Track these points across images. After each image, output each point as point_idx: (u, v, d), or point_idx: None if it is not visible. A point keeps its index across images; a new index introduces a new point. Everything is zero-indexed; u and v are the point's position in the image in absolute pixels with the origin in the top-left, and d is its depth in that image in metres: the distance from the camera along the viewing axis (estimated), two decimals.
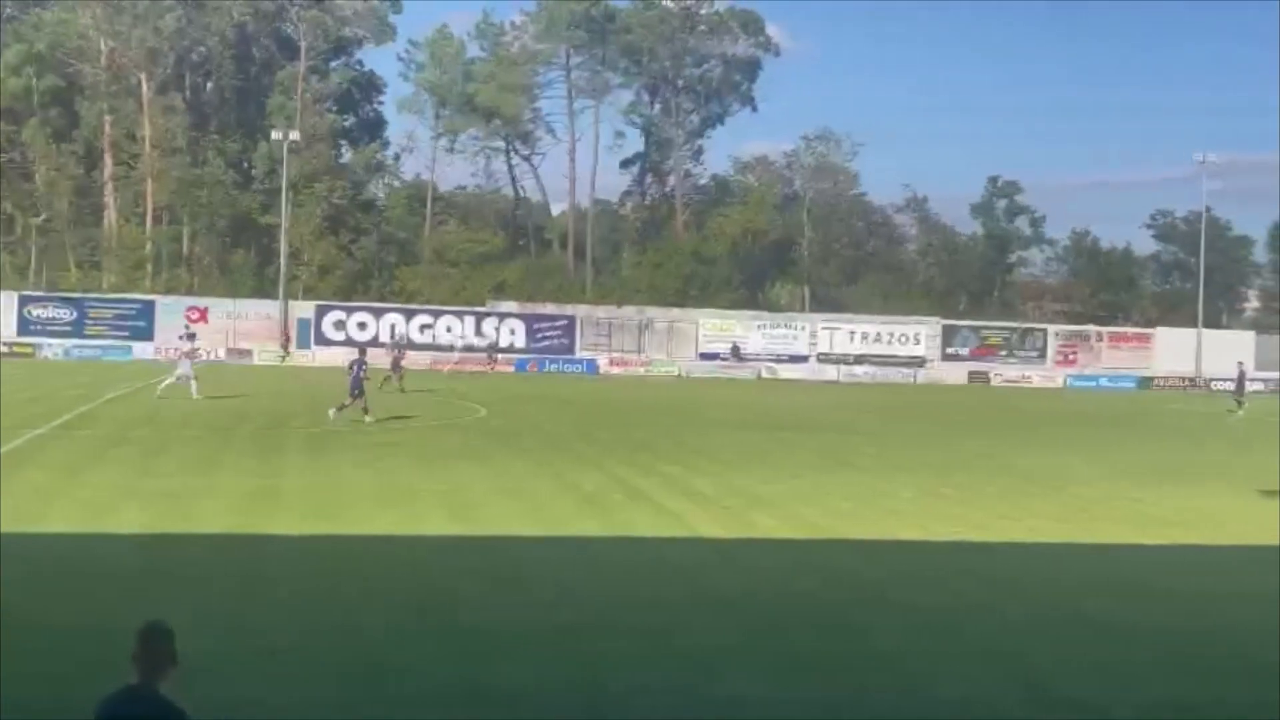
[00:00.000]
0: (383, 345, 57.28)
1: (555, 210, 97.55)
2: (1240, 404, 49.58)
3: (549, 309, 72.04)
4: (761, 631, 11.52)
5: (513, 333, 69.15)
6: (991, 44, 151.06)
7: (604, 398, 45.31)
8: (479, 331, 68.71)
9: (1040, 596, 13.53)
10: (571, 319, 70.93)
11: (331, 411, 29.56)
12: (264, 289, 74.02)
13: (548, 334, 69.90)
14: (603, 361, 68.75)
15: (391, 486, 19.41)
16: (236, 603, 11.65)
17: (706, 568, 14.47)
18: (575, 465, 23.09)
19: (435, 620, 11.40)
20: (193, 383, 35.35)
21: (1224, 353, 73.22)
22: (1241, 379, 54.79)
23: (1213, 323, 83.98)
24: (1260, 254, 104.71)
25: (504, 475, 21.25)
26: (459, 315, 69.92)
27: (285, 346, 65.81)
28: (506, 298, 74.19)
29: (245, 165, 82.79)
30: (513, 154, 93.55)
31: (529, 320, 70.06)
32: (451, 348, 67.01)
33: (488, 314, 70.33)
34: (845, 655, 10.86)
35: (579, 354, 69.37)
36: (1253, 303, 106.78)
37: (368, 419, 29.58)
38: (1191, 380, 71.04)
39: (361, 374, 30.45)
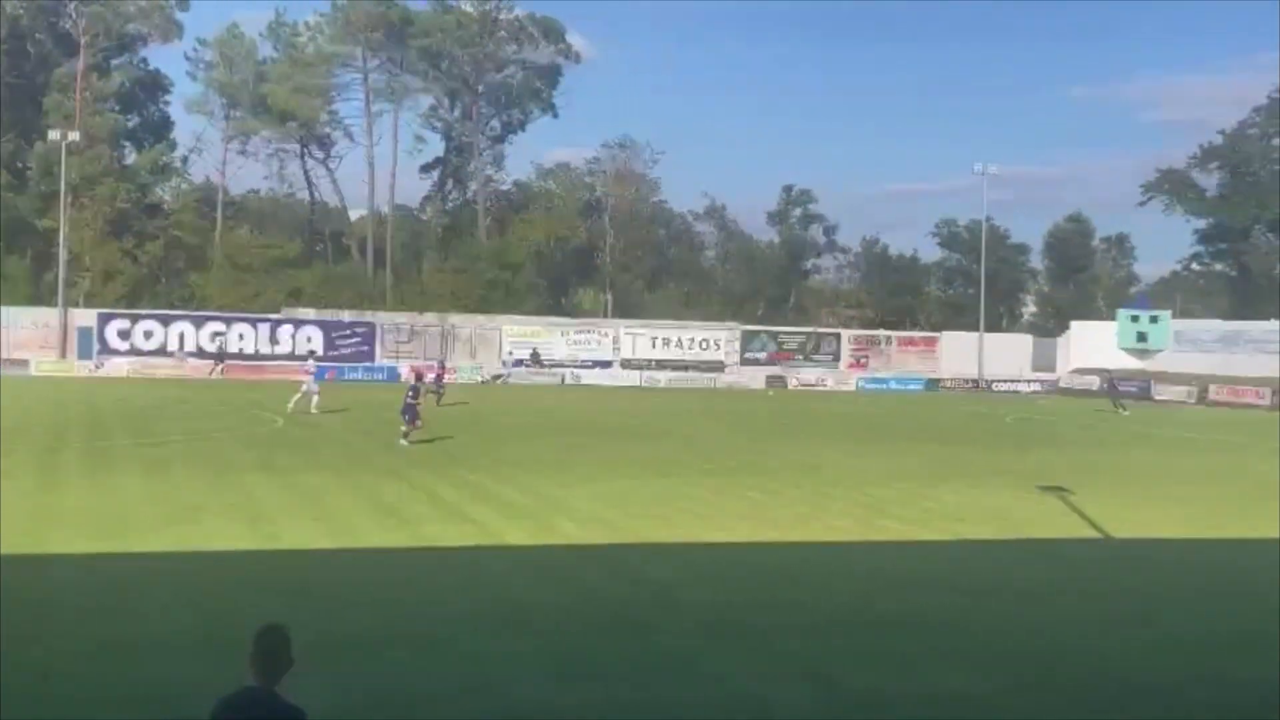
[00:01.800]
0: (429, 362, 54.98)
1: (354, 215, 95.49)
2: (1120, 406, 52.53)
3: (348, 316, 70.43)
4: (555, 636, 11.48)
5: (310, 340, 67.30)
6: (785, 54, 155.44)
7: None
8: (273, 340, 66.68)
9: (835, 593, 13.86)
10: (372, 326, 69.54)
11: (402, 442, 28.47)
12: (42, 296, 70.11)
13: (347, 341, 68.33)
14: (404, 369, 67.50)
15: (179, 502, 18.59)
16: (13, 627, 10.90)
17: (506, 575, 14.33)
18: (376, 476, 22.58)
19: (220, 636, 10.91)
20: None
21: (1004, 355, 77.01)
22: (1114, 384, 58.15)
23: (993, 327, 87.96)
24: (1036, 260, 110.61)
25: (300, 488, 20.61)
26: (253, 323, 67.67)
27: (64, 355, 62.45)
28: (304, 305, 72.17)
29: (20, 166, 78.29)
30: (308, 157, 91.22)
31: (327, 327, 68.35)
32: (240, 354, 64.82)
33: (283, 321, 68.29)
34: (638, 656, 10.88)
35: (380, 361, 68.04)
36: (1030, 307, 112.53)
37: (403, 441, 28.56)
38: (975, 382, 74.30)
39: (413, 397, 29.71)
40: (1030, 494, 22.72)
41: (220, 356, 64.03)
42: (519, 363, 69.50)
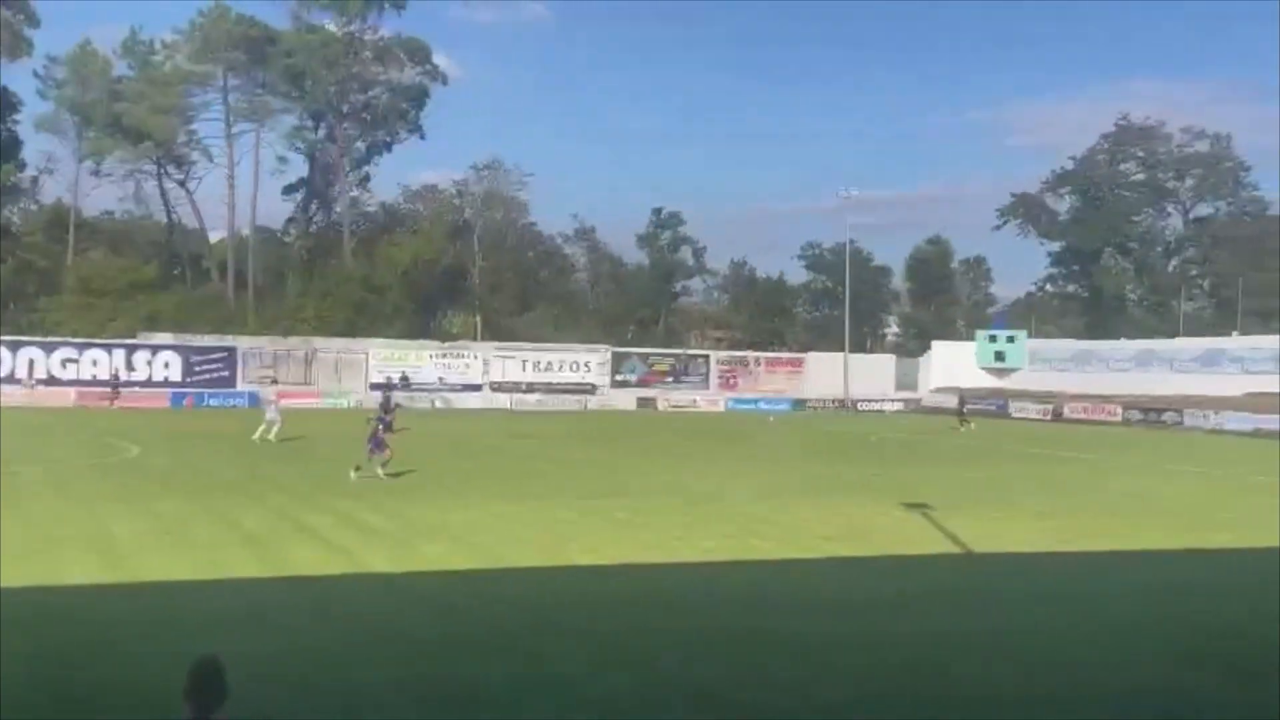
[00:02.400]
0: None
1: (214, 237, 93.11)
2: (967, 422, 54.42)
3: (208, 341, 68.56)
4: (423, 663, 11.23)
5: (167, 366, 65.36)
6: (650, 77, 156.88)
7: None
8: (129, 365, 64.54)
9: (711, 613, 13.85)
10: (232, 350, 67.80)
11: (379, 471, 26.76)
12: None
13: (206, 367, 66.47)
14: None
15: (31, 534, 17.75)
16: None
17: (373, 602, 14.02)
18: (238, 504, 21.94)
19: (68, 674, 10.43)
20: None
21: (869, 375, 78.62)
22: (962, 403, 60.01)
23: (858, 347, 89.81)
24: (899, 282, 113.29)
25: (158, 517, 19.90)
26: (107, 348, 65.40)
27: None
28: (161, 329, 70.04)
29: None
30: (166, 178, 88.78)
31: (186, 353, 66.43)
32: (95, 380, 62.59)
33: (139, 346, 66.18)
34: (511, 682, 10.71)
35: (241, 387, 66.36)
36: (893, 328, 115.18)
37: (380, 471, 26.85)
38: (841, 401, 75.65)
39: (385, 428, 27.93)
40: (895, 510, 23.11)
41: (115, 385, 61.97)
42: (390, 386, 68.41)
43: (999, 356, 78.90)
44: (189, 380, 65.36)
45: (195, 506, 21.39)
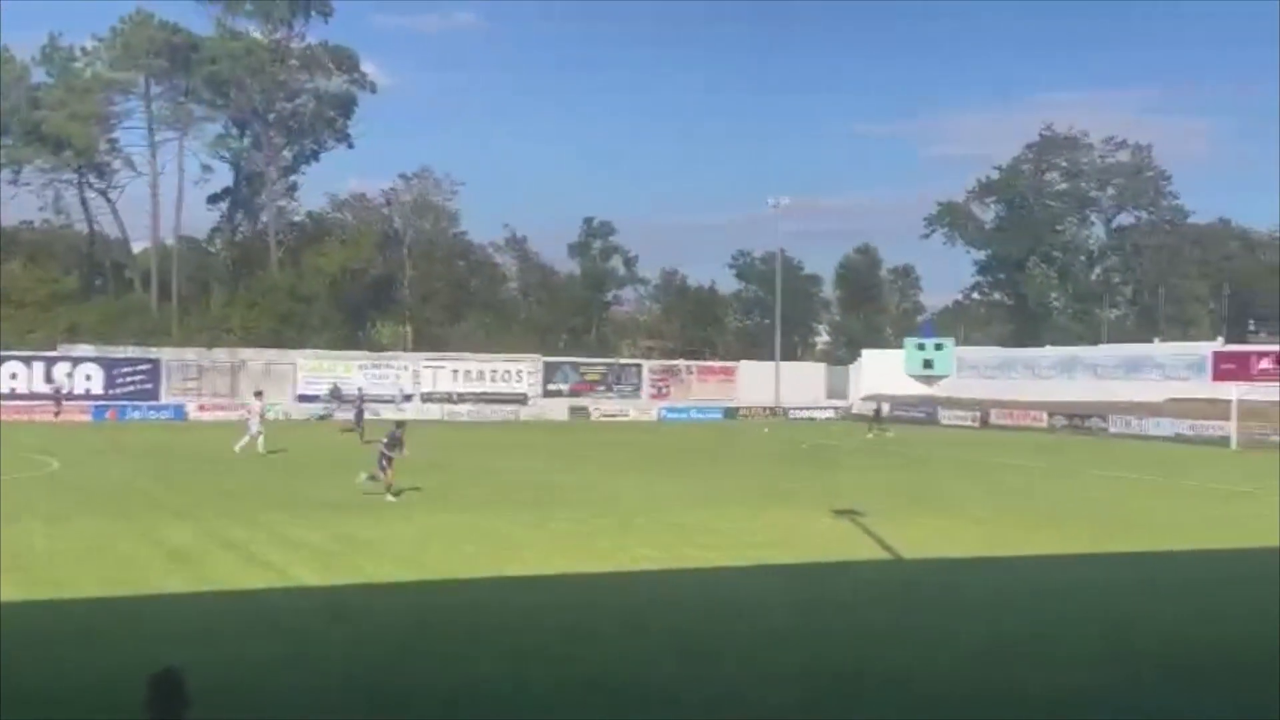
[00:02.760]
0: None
1: (137, 247, 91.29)
2: (883, 429, 55.91)
3: (131, 352, 67.20)
4: (358, 676, 11.06)
5: (89, 378, 63.98)
6: (581, 85, 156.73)
7: (195, 446, 42.68)
8: (49, 378, 63.12)
9: (645, 623, 13.79)
10: (156, 362, 66.50)
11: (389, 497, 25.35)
12: None
13: (129, 379, 65.16)
14: (192, 407, 64.96)
15: None
16: None
17: (305, 618, 13.77)
18: (164, 520, 21.50)
19: None
20: None
21: (800, 383, 79.12)
22: (878, 410, 60.88)
23: (789, 356, 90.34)
24: (828, 291, 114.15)
25: (78, 534, 19.43)
26: (26, 361, 63.87)
27: None
28: (82, 340, 68.57)
29: None
30: (86, 187, 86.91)
31: (108, 364, 65.07)
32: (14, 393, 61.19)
33: (59, 359, 64.72)
34: (445, 692, 10.54)
35: (165, 399, 65.15)
36: (824, 336, 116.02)
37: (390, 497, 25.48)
38: (772, 409, 76.00)
39: (390, 448, 26.31)
40: (825, 517, 23.23)
41: (58, 397, 60.60)
42: (318, 398, 67.58)
43: (927, 364, 79.76)
44: (111, 393, 64.03)
45: (117, 522, 20.92)
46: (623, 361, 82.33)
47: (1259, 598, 15.39)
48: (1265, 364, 60.41)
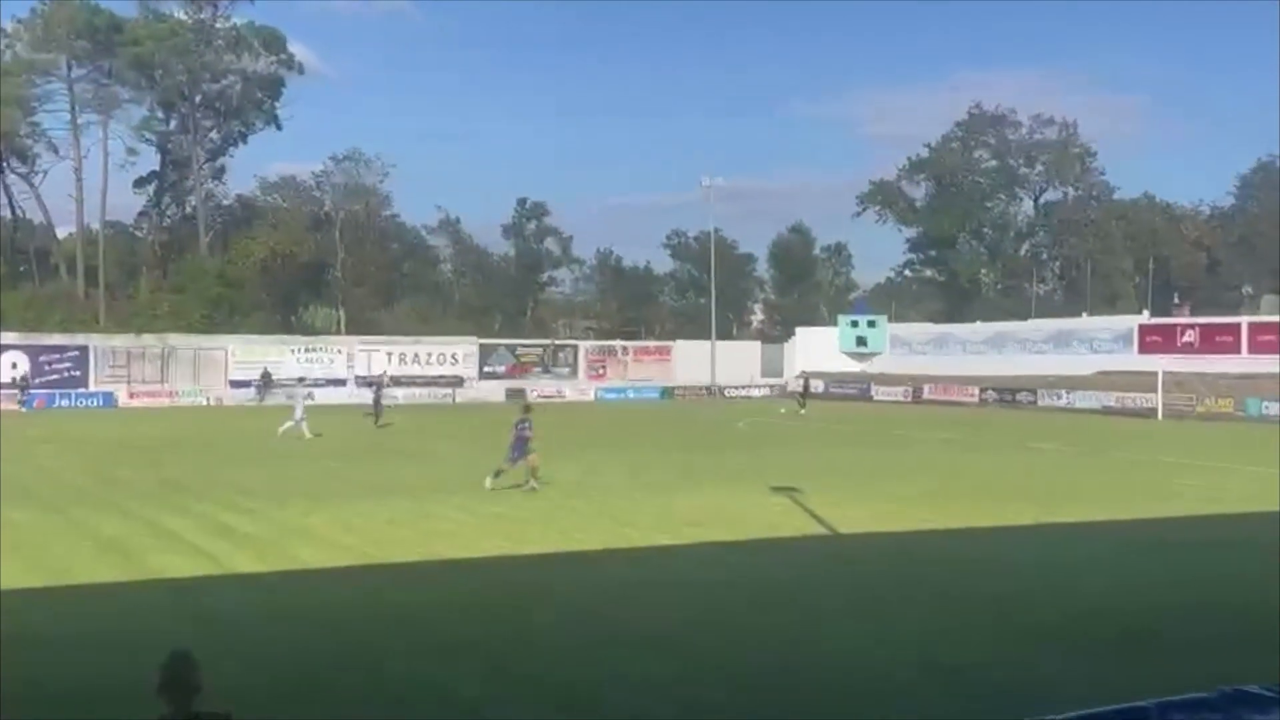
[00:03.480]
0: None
1: (61, 233, 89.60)
2: (802, 405, 56.44)
3: (57, 339, 65.99)
4: (286, 665, 11.02)
5: (15, 366, 62.75)
6: (512, 65, 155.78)
7: (125, 434, 42.06)
8: None
9: (582, 609, 13.82)
10: (84, 349, 65.37)
11: (488, 480, 24.22)
12: None
13: (57, 366, 64.01)
14: (122, 394, 64.00)
15: None
16: None
17: (238, 606, 13.67)
18: (93, 510, 21.18)
19: None
20: None
21: (735, 362, 79.53)
22: (806, 386, 61.26)
23: (724, 335, 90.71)
24: (763, 270, 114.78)
25: (11, 526, 19.07)
26: None
27: None
28: (7, 329, 67.18)
29: None
30: (8, 172, 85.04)
31: (34, 352, 63.85)
32: None
33: None
34: (371, 683, 10.54)
35: (94, 387, 64.11)
36: (758, 315, 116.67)
37: (533, 483, 24.33)
38: (708, 388, 76.37)
39: (525, 433, 24.91)
40: (763, 495, 23.42)
41: (24, 386, 59.45)
42: (249, 384, 66.84)
43: (861, 341, 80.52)
44: (39, 381, 62.89)
45: (44, 514, 20.59)
46: (559, 342, 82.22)
47: (1185, 563, 15.77)
48: (1189, 336, 61.78)
